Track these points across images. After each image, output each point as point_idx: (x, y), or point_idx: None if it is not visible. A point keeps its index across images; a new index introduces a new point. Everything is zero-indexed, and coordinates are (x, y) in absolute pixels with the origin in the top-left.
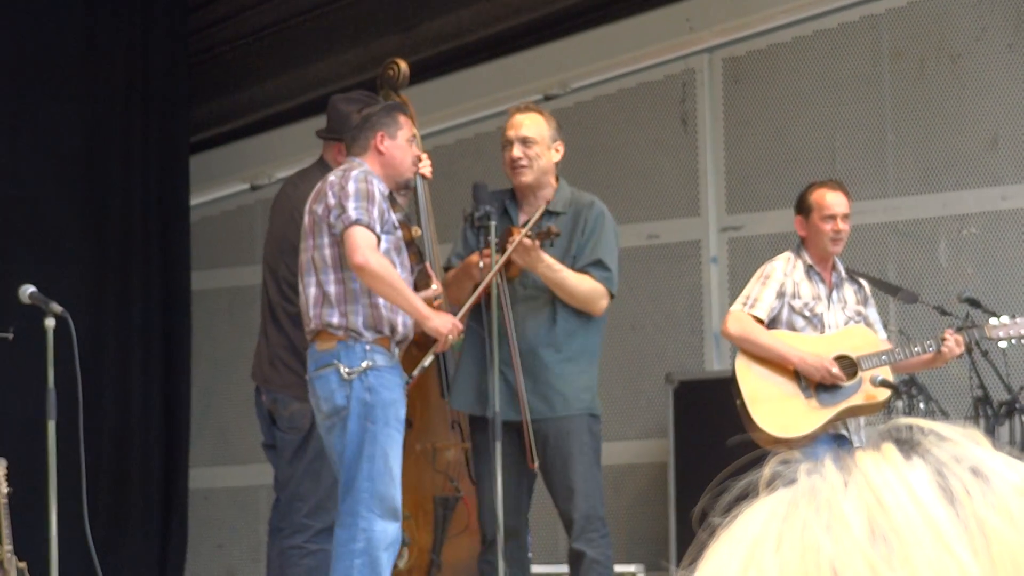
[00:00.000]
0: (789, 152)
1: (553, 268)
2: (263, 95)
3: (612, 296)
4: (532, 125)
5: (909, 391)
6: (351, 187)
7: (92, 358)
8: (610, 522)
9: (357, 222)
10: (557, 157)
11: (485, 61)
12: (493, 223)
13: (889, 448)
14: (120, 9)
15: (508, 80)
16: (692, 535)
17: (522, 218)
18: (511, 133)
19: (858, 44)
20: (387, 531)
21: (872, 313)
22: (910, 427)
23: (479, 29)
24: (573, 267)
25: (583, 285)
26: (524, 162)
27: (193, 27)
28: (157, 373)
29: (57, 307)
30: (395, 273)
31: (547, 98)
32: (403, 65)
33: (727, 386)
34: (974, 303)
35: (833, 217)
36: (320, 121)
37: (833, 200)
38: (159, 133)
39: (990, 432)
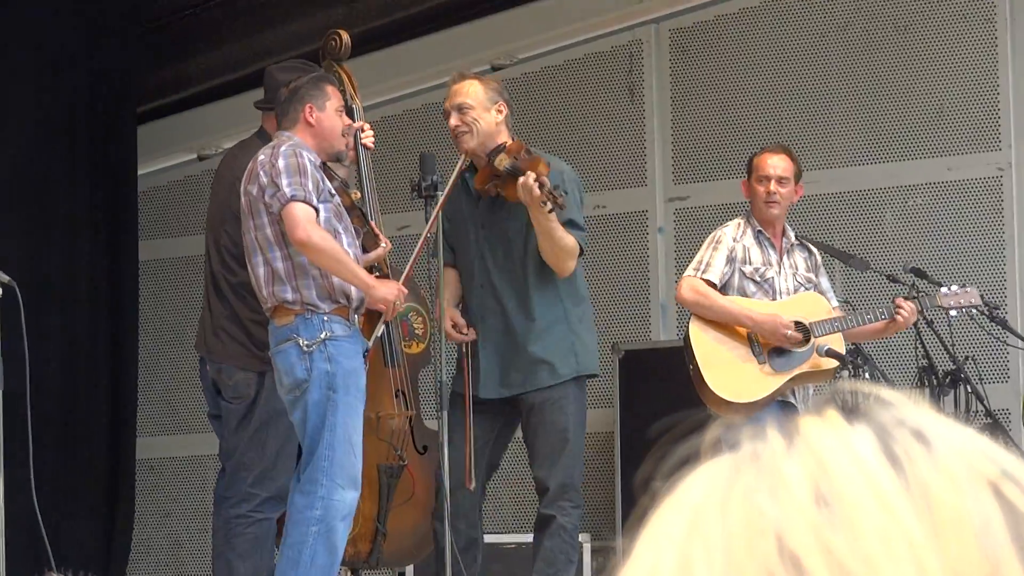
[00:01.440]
0: (735, 123)
1: (553, 218)
2: (210, 66)
3: (583, 252)
4: (466, 91)
5: (855, 361)
6: (281, 163)
7: (38, 327)
8: None
9: (293, 198)
10: (500, 118)
11: (432, 32)
12: (440, 193)
13: (832, 413)
14: None
15: (455, 51)
16: (637, 504)
17: (478, 178)
18: (447, 104)
19: (805, 15)
20: (345, 500)
21: (824, 281)
22: (853, 392)
23: (426, 0)
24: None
25: (567, 240)
26: (463, 128)
27: None
28: (104, 343)
29: (4, 276)
30: (337, 246)
31: (494, 68)
32: (345, 36)
33: (673, 356)
34: (920, 274)
35: (767, 178)
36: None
37: (769, 162)
38: (106, 103)
39: (935, 401)
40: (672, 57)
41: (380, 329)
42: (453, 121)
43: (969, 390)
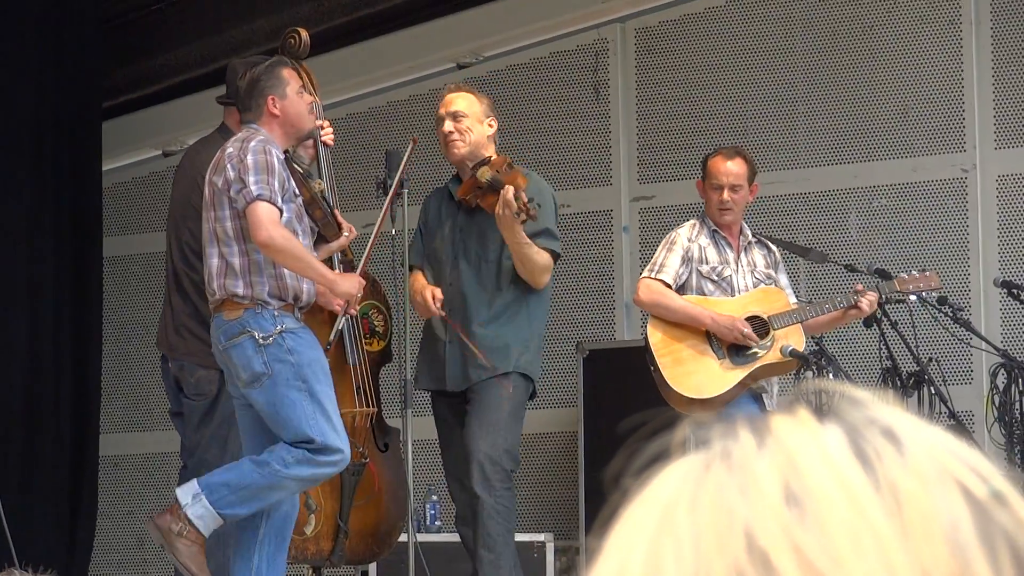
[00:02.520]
0: (701, 122)
1: (523, 235)
2: (176, 61)
3: (558, 257)
4: (462, 100)
5: (819, 361)
6: (250, 159)
7: (2, 324)
8: (520, 491)
9: (259, 197)
10: (490, 131)
11: (398, 29)
12: (405, 191)
13: (803, 412)
14: None
15: (421, 48)
16: (601, 504)
17: (461, 189)
18: (442, 110)
19: (770, 14)
20: (344, 454)
21: (783, 278)
22: (824, 391)
23: None
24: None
25: (540, 257)
26: (455, 136)
27: None
28: (68, 339)
29: None
30: (299, 245)
31: (460, 67)
32: (303, 34)
33: (638, 355)
34: (884, 275)
35: (720, 187)
36: None
37: (722, 168)
38: (71, 98)
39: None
40: (638, 56)
41: (340, 322)
42: (447, 127)
43: (933, 392)
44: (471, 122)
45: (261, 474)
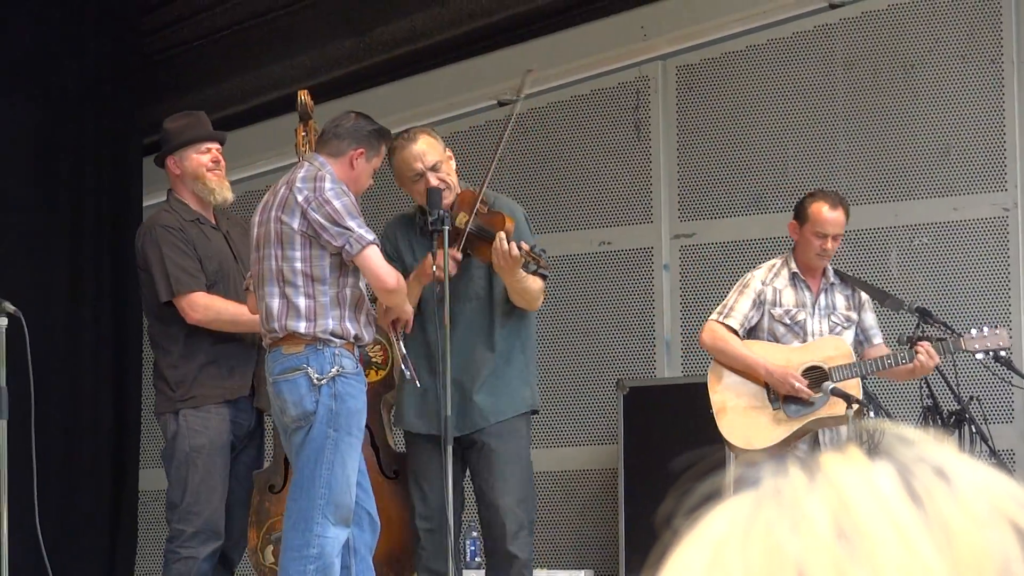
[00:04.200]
0: (741, 160)
1: (522, 273)
2: (217, 97)
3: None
4: (431, 150)
5: (860, 401)
6: (337, 204)
7: (43, 359)
8: (560, 528)
9: (373, 243)
10: (455, 165)
11: (439, 66)
12: (447, 227)
13: (853, 450)
14: (74, 9)
15: (462, 85)
16: (642, 541)
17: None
18: (418, 165)
19: (812, 53)
20: (339, 537)
21: (868, 317)
22: (874, 430)
23: (433, 34)
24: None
25: (535, 287)
26: (443, 187)
27: (148, 28)
28: (108, 374)
29: (10, 306)
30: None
31: (501, 103)
32: (302, 96)
33: (678, 392)
34: (925, 313)
35: (825, 236)
36: (275, 124)
37: (830, 217)
38: (112, 134)
39: None
40: (679, 94)
41: (400, 345)
42: (434, 181)
43: (973, 430)
44: (447, 166)
45: None
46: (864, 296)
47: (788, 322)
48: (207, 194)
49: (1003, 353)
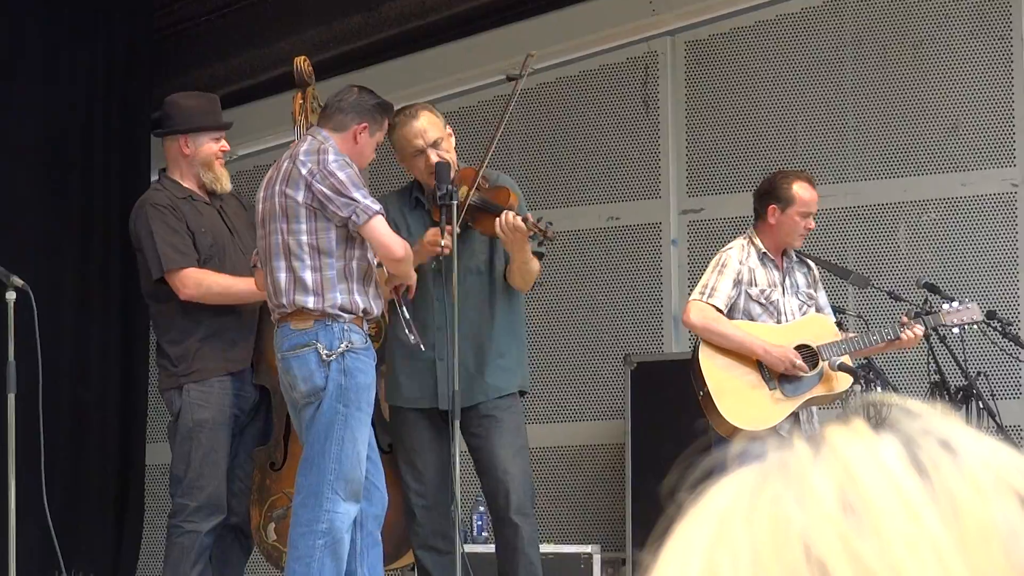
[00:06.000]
0: (750, 136)
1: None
2: (226, 72)
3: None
4: (434, 125)
5: (867, 376)
6: (341, 175)
7: (51, 333)
8: (566, 503)
9: (379, 212)
10: (454, 142)
11: (448, 41)
12: (455, 202)
13: (858, 422)
14: None
15: (471, 60)
16: (648, 516)
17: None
18: (420, 142)
19: (820, 29)
20: (349, 513)
21: (822, 296)
22: (879, 402)
23: (442, 8)
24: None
25: (536, 264)
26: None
27: (157, 4)
28: (114, 350)
29: (18, 280)
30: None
31: (509, 78)
32: (299, 63)
33: (685, 368)
34: (933, 289)
35: (809, 215)
36: (284, 99)
37: (813, 197)
38: (121, 109)
39: None
40: (687, 69)
41: (404, 310)
42: (435, 158)
43: (981, 406)
44: (448, 142)
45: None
46: (817, 274)
47: (764, 302)
48: (212, 181)
49: (985, 326)
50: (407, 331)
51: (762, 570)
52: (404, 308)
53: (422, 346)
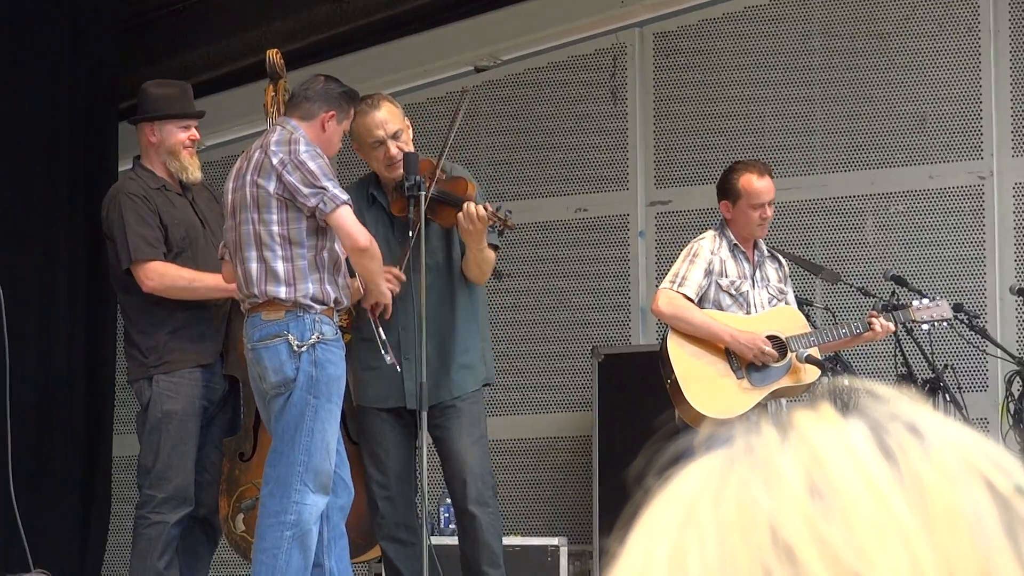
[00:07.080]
0: (718, 128)
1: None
2: (194, 62)
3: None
4: (394, 117)
5: (834, 368)
6: (312, 165)
7: (16, 325)
8: (534, 495)
9: (346, 202)
10: (411, 134)
11: (416, 32)
12: (422, 193)
13: (826, 407)
14: None
15: (439, 51)
16: (615, 508)
17: (398, 205)
18: (380, 132)
19: (789, 21)
20: (317, 505)
21: (790, 292)
22: (847, 388)
23: (410, 1)
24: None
25: (491, 255)
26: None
27: None
28: (81, 340)
29: None
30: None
31: (477, 70)
32: (271, 55)
33: (652, 360)
34: (900, 281)
35: (761, 205)
36: (251, 90)
37: (761, 187)
38: (87, 99)
39: None
40: (656, 61)
41: (380, 332)
42: (394, 150)
43: (948, 399)
44: (407, 135)
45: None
46: (787, 269)
47: (734, 292)
48: (179, 170)
49: (943, 324)
50: (383, 351)
51: (729, 554)
52: (380, 329)
53: (398, 367)
